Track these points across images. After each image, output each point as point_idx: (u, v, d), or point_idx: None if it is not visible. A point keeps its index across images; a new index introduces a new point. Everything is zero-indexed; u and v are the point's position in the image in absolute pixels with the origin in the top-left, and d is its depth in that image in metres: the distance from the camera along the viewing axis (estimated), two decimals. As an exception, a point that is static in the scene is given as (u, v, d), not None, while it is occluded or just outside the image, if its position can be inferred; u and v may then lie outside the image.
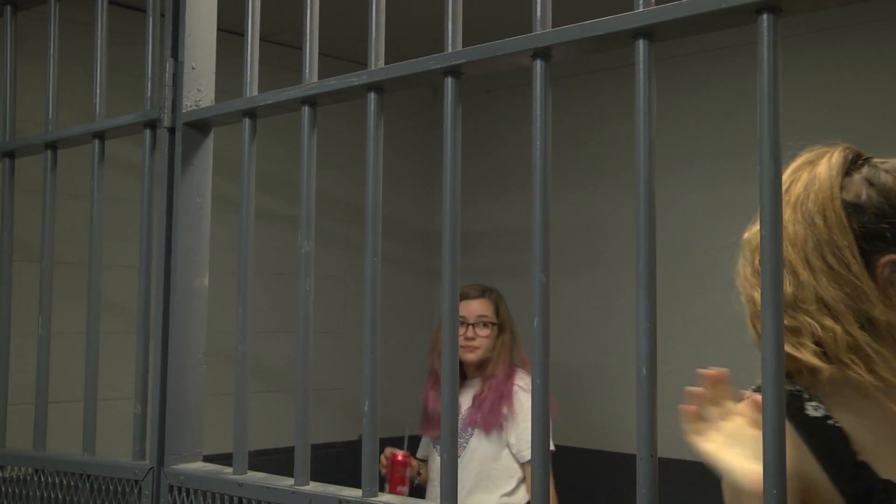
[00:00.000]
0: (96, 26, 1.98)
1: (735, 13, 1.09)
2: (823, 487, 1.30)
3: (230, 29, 2.19)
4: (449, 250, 1.36)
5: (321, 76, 1.57)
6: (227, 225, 2.57)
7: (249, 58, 1.68)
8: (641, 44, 1.19)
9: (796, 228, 1.39)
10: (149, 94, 1.87)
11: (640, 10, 1.17)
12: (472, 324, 3.34)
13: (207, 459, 1.79)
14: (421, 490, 3.57)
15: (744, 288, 1.49)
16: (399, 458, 3.25)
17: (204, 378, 1.80)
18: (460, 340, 3.35)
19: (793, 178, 1.44)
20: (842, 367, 1.32)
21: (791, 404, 1.33)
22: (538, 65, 1.29)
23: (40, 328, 2.04)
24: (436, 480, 3.45)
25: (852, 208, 1.35)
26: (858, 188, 1.37)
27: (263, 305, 3.98)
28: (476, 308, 3.37)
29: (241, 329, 1.66)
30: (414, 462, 3.38)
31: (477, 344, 3.33)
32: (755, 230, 1.48)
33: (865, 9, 3.43)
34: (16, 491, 1.99)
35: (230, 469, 1.65)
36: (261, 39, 1.70)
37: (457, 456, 1.34)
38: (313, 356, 1.58)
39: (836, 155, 1.41)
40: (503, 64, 1.35)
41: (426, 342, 4.70)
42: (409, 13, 3.64)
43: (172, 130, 1.80)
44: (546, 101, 1.29)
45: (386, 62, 1.48)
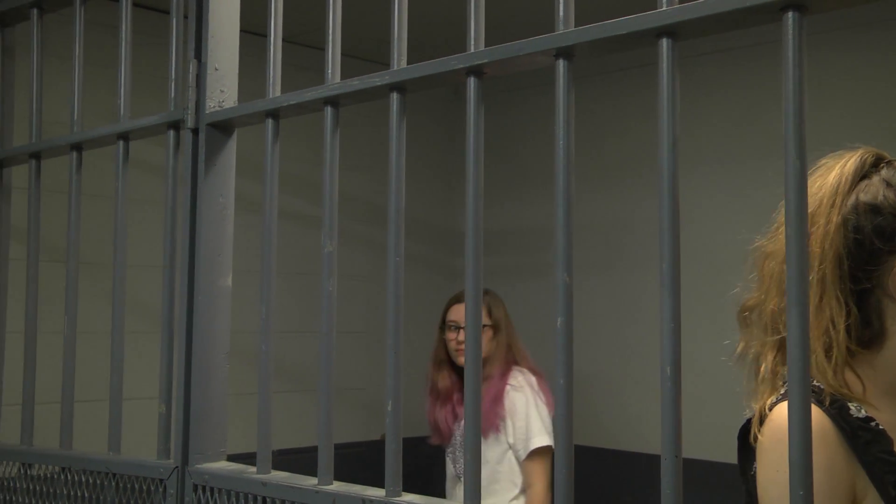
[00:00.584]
0: (121, 28, 1.99)
1: (759, 11, 1.09)
2: (862, 490, 1.29)
3: (252, 30, 2.21)
4: (472, 250, 1.36)
5: (343, 76, 1.57)
6: (250, 225, 2.59)
7: (272, 58, 1.69)
8: (665, 43, 1.18)
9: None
10: (172, 96, 1.88)
11: (664, 9, 1.17)
12: (462, 327, 3.37)
13: (230, 459, 1.80)
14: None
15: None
16: None
17: (227, 377, 1.81)
18: (453, 344, 3.36)
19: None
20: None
21: (833, 405, 1.32)
22: (561, 64, 1.29)
23: (66, 328, 2.05)
24: (452, 487, 3.44)
25: (870, 209, 1.37)
26: (876, 189, 1.38)
27: (285, 305, 4.00)
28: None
29: (265, 329, 1.66)
30: None
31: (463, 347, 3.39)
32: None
33: (894, 6, 3.40)
34: (43, 489, 2.01)
35: (254, 468, 1.66)
36: (283, 40, 1.71)
37: (480, 457, 1.34)
38: (336, 356, 1.58)
39: (852, 161, 1.42)
40: (526, 63, 1.34)
41: (448, 342, 4.70)
42: (431, 13, 3.65)
43: (196, 131, 1.81)
44: (569, 101, 1.29)
45: (408, 62, 1.48)
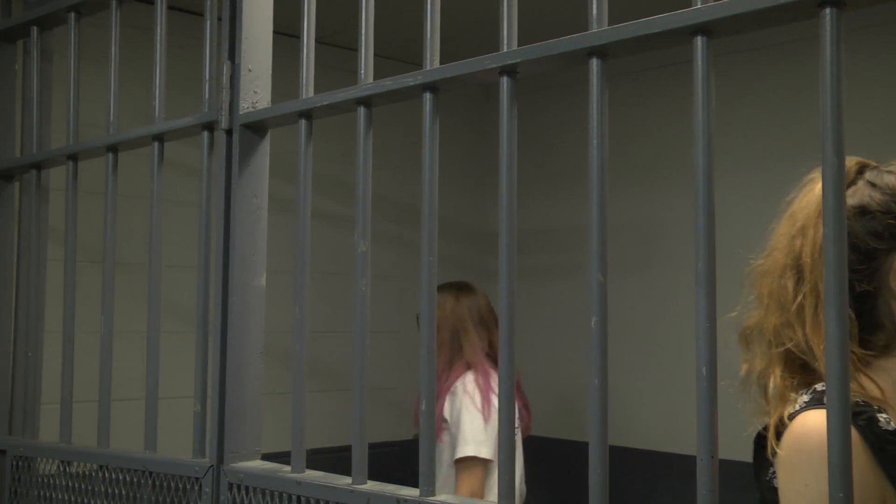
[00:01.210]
0: (156, 31, 2.01)
1: (796, 8, 1.08)
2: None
3: (285, 31, 2.22)
4: (505, 250, 1.36)
5: (375, 77, 1.58)
6: (282, 226, 2.60)
7: (305, 59, 1.70)
8: (699, 41, 1.17)
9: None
10: (206, 97, 1.90)
11: (699, 7, 1.16)
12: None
13: (264, 458, 1.81)
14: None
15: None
16: None
17: (261, 377, 1.82)
18: None
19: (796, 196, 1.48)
20: None
21: (861, 416, 1.28)
22: (594, 63, 1.28)
23: (102, 328, 2.08)
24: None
25: (859, 212, 1.37)
26: (862, 192, 1.40)
27: (316, 305, 4.01)
28: None
29: (299, 328, 1.67)
30: None
31: None
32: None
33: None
34: (82, 486, 2.04)
35: (288, 468, 1.67)
36: (315, 41, 1.72)
37: (514, 456, 1.34)
38: (368, 355, 1.59)
39: None
40: (559, 63, 1.34)
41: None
42: (463, 13, 3.65)
43: (230, 132, 1.82)
44: (602, 100, 1.28)
45: (440, 62, 1.48)
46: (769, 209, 3.62)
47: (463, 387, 3.11)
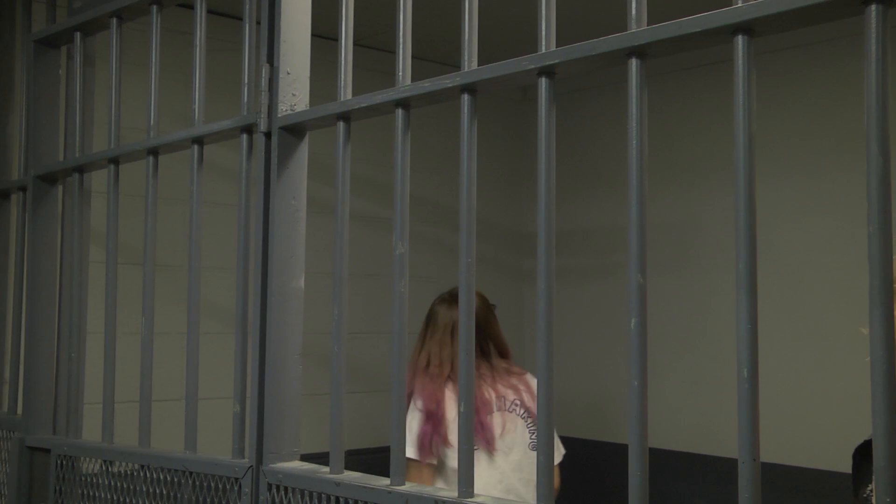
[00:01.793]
0: (195, 35, 2.03)
1: (840, 5, 1.06)
2: None
3: (322, 34, 2.23)
4: (544, 252, 1.36)
5: (413, 79, 1.58)
6: (320, 227, 2.62)
7: (343, 61, 1.70)
8: (740, 40, 1.16)
9: None
10: (245, 100, 1.91)
11: (739, 6, 1.15)
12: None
13: (302, 459, 1.82)
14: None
15: None
16: None
17: (300, 378, 1.83)
18: None
19: None
20: None
21: None
22: (633, 63, 1.28)
23: (143, 329, 2.10)
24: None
25: None
26: None
27: (355, 306, 4.03)
28: None
29: (337, 330, 1.68)
30: None
31: None
32: None
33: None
34: (124, 485, 2.06)
35: (327, 468, 1.67)
36: (353, 43, 1.73)
37: (553, 457, 1.34)
38: (406, 357, 1.59)
39: None
40: (598, 63, 1.34)
41: (515, 342, 4.69)
42: (500, 14, 3.64)
43: (268, 135, 1.83)
44: (642, 101, 1.27)
45: (478, 63, 1.48)
46: (811, 203, 3.56)
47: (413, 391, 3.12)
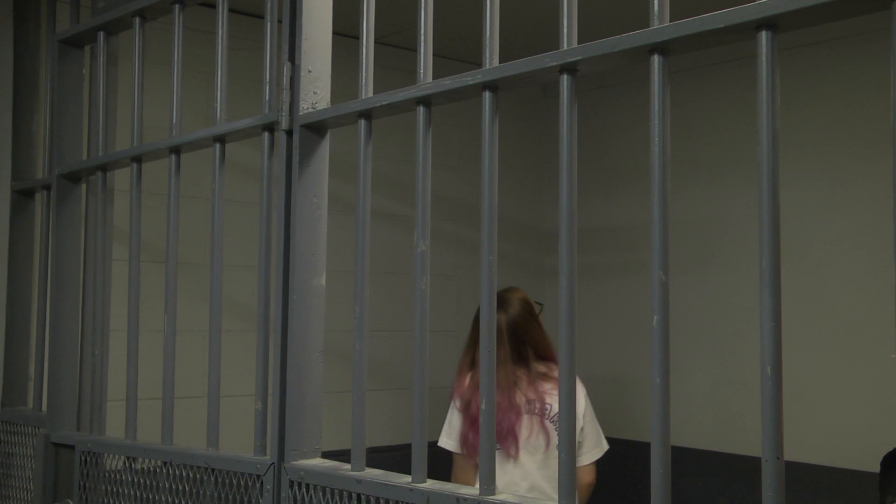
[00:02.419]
0: (217, 34, 2.04)
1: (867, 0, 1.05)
2: None
3: (343, 32, 2.23)
4: (566, 249, 1.35)
5: (433, 76, 1.58)
6: (341, 225, 2.62)
7: (365, 59, 1.71)
8: (764, 35, 1.15)
9: None
10: (267, 98, 1.92)
11: (764, 1, 1.14)
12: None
13: (323, 456, 1.83)
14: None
15: None
16: None
17: (322, 375, 1.83)
18: None
19: None
20: None
21: None
22: (656, 60, 1.27)
23: (166, 326, 2.11)
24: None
25: None
26: None
27: (376, 304, 4.04)
28: None
29: (359, 327, 1.68)
30: None
31: None
32: None
33: None
34: (147, 482, 2.08)
35: (348, 465, 1.68)
36: (374, 42, 1.73)
37: (575, 455, 1.33)
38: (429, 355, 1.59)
39: None
40: (620, 60, 1.33)
41: (537, 341, 4.68)
42: (520, 11, 3.63)
43: (290, 133, 1.84)
44: (664, 98, 1.27)
45: (499, 61, 1.48)
46: (835, 200, 3.53)
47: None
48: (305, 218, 1.82)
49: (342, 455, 1.76)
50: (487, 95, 1.48)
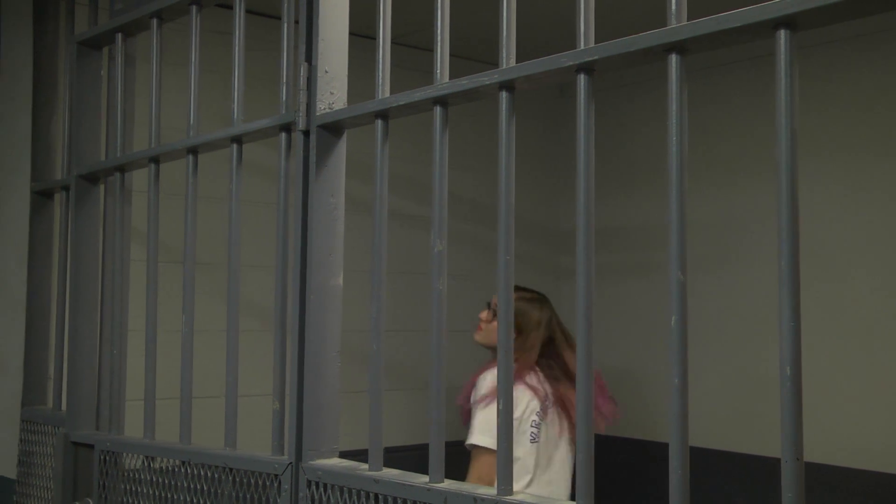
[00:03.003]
0: (234, 35, 2.05)
1: (886, -3, 1.05)
2: None
3: (359, 32, 2.23)
4: (583, 250, 1.35)
5: (450, 76, 1.58)
6: (357, 225, 2.62)
7: (381, 60, 1.71)
8: (782, 34, 1.15)
9: None
10: (284, 99, 1.92)
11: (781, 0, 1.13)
12: (489, 308, 3.41)
13: (340, 456, 1.83)
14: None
15: None
16: None
17: (339, 375, 1.84)
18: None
19: None
20: None
21: None
22: (673, 59, 1.27)
23: (184, 327, 2.12)
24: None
25: None
26: None
27: (393, 304, 4.04)
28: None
29: (376, 327, 1.68)
30: None
31: (480, 326, 3.40)
32: None
33: None
34: (165, 481, 2.09)
35: (366, 465, 1.68)
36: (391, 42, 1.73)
37: (592, 455, 1.33)
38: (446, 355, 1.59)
39: None
40: (637, 59, 1.33)
41: (553, 341, 4.67)
42: (536, 11, 3.63)
43: (307, 133, 1.84)
44: (681, 98, 1.27)
45: (515, 61, 1.47)
46: (853, 199, 3.51)
47: (490, 381, 3.16)
48: (322, 218, 1.82)
49: (359, 455, 1.76)
50: (504, 95, 1.48)
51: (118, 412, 2.36)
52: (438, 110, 1.59)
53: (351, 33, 1.90)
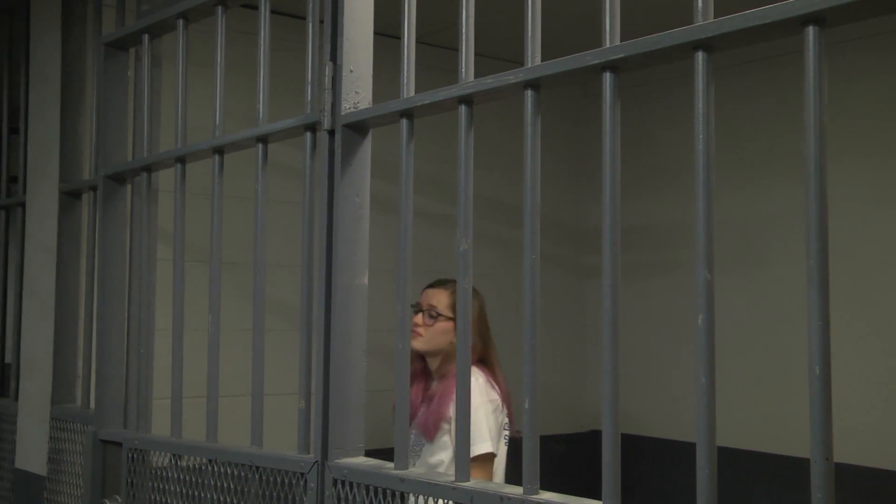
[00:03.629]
0: (260, 35, 2.06)
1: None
2: None
3: (383, 32, 2.24)
4: (609, 248, 1.35)
5: (474, 75, 1.58)
6: (382, 224, 2.62)
7: (406, 59, 1.71)
8: (811, 31, 1.14)
9: None
10: (309, 98, 1.93)
11: (810, -4, 1.12)
12: (422, 311, 3.03)
13: (366, 454, 1.83)
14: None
15: None
16: None
17: (365, 374, 1.84)
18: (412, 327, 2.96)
19: None
20: None
21: None
22: (700, 57, 1.26)
23: (210, 326, 2.13)
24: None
25: None
26: None
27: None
28: (429, 297, 3.06)
29: (401, 326, 1.68)
30: None
31: (419, 332, 2.98)
32: None
33: None
34: (192, 479, 2.10)
35: (391, 464, 1.68)
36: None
37: (619, 455, 1.33)
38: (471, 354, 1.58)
39: None
40: (663, 58, 1.32)
41: (577, 339, 4.66)
42: (561, 9, 3.62)
43: (332, 132, 1.85)
44: (708, 96, 1.26)
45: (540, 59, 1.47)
46: (882, 198, 3.47)
47: (475, 384, 2.84)
48: (348, 217, 1.83)
49: (384, 454, 1.76)
50: (529, 94, 1.48)
51: (146, 410, 2.38)
52: (463, 109, 1.59)
53: (375, 33, 1.90)
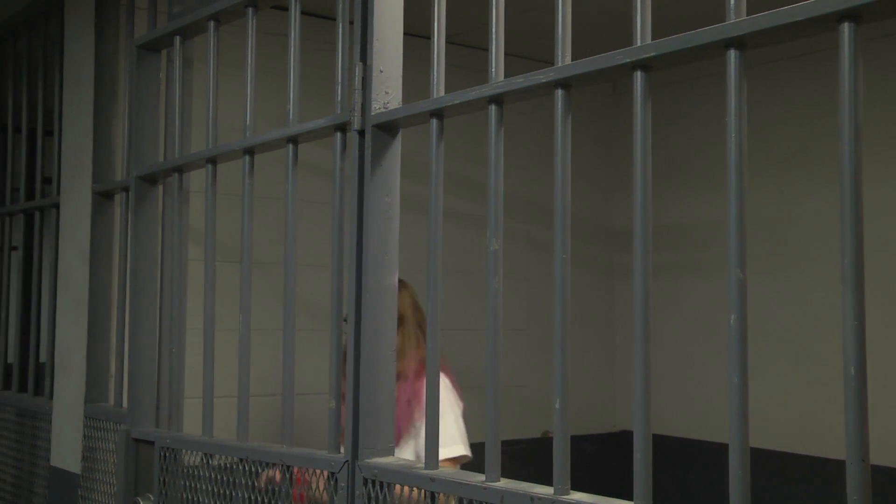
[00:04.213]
0: (290, 36, 2.06)
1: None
2: None
3: (413, 32, 2.24)
4: (640, 248, 1.34)
5: (504, 75, 1.58)
6: (412, 224, 2.63)
7: (436, 59, 1.71)
8: (846, 27, 1.13)
9: None
10: (339, 99, 1.94)
11: (845, -8, 1.11)
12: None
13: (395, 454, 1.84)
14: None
15: None
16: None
17: (395, 374, 1.84)
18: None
19: None
20: None
21: None
22: (732, 55, 1.25)
23: (241, 326, 2.14)
24: None
25: None
26: None
27: (445, 303, 4.05)
28: None
29: (432, 326, 1.68)
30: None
31: None
32: None
33: None
34: (223, 478, 2.11)
35: (422, 464, 1.68)
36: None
37: (650, 456, 1.32)
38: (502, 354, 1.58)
39: None
40: (694, 56, 1.31)
41: (606, 339, 4.64)
42: (591, 8, 3.61)
43: (362, 133, 1.85)
44: (741, 94, 1.25)
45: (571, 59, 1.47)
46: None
47: (443, 384, 2.63)
48: (377, 217, 1.83)
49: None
50: (560, 94, 1.47)
51: (177, 409, 2.39)
52: (493, 109, 1.59)
53: (405, 33, 1.90)
